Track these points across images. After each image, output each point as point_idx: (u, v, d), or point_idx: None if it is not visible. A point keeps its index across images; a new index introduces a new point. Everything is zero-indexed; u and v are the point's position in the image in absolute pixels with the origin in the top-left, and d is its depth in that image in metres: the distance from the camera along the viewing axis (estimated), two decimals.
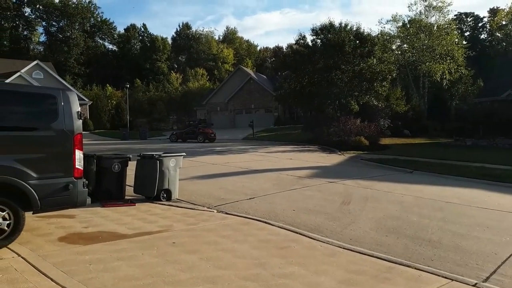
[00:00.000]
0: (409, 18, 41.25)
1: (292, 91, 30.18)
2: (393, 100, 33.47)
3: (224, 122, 50.63)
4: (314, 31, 30.61)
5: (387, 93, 31.22)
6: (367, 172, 14.61)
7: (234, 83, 51.36)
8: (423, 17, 40.22)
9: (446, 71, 36.07)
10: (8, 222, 5.14)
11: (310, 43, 31.42)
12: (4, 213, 5.10)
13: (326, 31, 29.94)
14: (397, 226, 7.36)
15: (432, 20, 40.29)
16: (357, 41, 28.49)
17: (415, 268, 5.00)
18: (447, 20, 40.14)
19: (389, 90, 31.49)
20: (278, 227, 6.81)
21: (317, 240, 6.08)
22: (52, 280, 4.17)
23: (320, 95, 28.29)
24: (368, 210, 8.55)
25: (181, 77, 68.25)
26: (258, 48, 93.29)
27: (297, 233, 6.46)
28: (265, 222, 7.08)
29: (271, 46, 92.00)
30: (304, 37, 32.26)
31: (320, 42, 30.21)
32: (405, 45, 40.41)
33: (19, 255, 4.92)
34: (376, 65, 28.06)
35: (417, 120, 35.52)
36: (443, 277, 4.76)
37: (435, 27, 39.16)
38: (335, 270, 4.76)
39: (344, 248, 5.72)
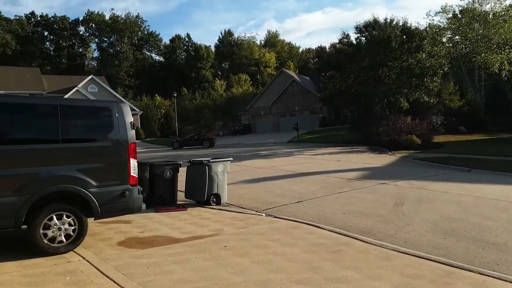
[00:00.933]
0: (460, 8, 39.16)
1: (337, 91, 29.76)
2: (445, 96, 32.02)
3: (267, 126, 50.83)
4: (358, 29, 30.08)
5: (439, 89, 29.91)
6: (421, 172, 14.08)
7: (277, 86, 51.45)
8: (477, 5, 38.02)
9: (505, 61, 33.49)
10: (73, 227, 5.48)
11: (354, 41, 30.91)
12: (70, 219, 5.45)
13: (370, 28, 29.31)
14: (456, 228, 7.03)
15: (487, 7, 37.98)
16: (404, 36, 27.62)
17: (479, 273, 4.73)
18: (504, 7, 37.40)
19: (440, 85, 30.16)
20: (329, 230, 6.73)
21: (370, 244, 5.94)
22: (114, 282, 4.39)
23: (367, 94, 27.64)
24: (423, 212, 8.24)
25: (225, 83, 69.47)
26: (300, 49, 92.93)
27: (348, 236, 6.35)
28: (315, 226, 7.02)
29: (314, 47, 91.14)
30: (347, 36, 31.83)
31: (365, 39, 29.63)
32: (457, 37, 38.27)
33: (84, 258, 5.24)
34: (425, 60, 27.02)
35: (473, 116, 33.73)
36: (511, 282, 4.49)
37: (490, 15, 36.81)
38: (390, 274, 4.64)
39: (399, 252, 5.55)
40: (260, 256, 5.30)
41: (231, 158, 9.81)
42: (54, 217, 5.34)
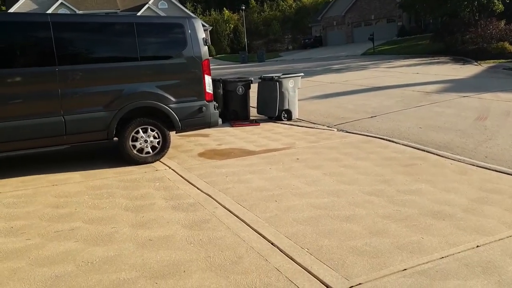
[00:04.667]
0: None
1: None
2: None
3: (340, 38, 48.19)
4: None
5: None
6: (511, 84, 12.82)
7: None
8: None
9: None
10: (157, 140, 6.00)
11: None
12: (154, 132, 5.96)
13: None
14: None
15: None
16: None
17: None
18: None
19: None
20: (403, 144, 6.63)
21: (447, 158, 5.79)
22: (198, 188, 4.87)
23: None
24: (509, 126, 7.69)
25: None
26: None
27: (424, 150, 6.22)
28: (389, 140, 6.93)
29: None
30: None
31: None
32: None
33: (169, 167, 5.80)
34: None
35: None
36: None
37: None
38: (466, 188, 4.56)
39: (477, 166, 5.37)
40: (331, 168, 5.45)
41: (301, 74, 9.68)
42: (140, 131, 5.87)
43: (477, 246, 3.29)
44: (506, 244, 3.31)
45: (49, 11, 36.92)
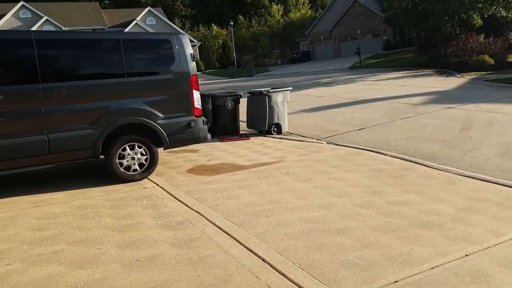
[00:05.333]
0: None
1: (403, 10, 27.44)
2: None
3: (328, 52, 48.82)
4: None
5: None
6: (492, 95, 13.08)
7: (338, 8, 48.24)
8: None
9: None
10: (145, 157, 5.95)
11: None
12: (141, 149, 5.91)
13: None
14: None
15: None
16: None
17: None
18: None
19: None
20: (391, 156, 6.67)
21: (434, 168, 5.84)
22: (187, 205, 4.81)
23: (436, 12, 25.21)
24: (492, 136, 7.81)
25: (282, 8, 66.59)
26: None
27: (411, 161, 6.27)
28: (377, 152, 6.98)
29: None
30: None
31: None
32: None
33: (157, 184, 5.74)
34: None
35: None
36: None
37: None
38: (454, 198, 4.59)
39: (464, 176, 5.42)
40: (322, 181, 5.45)
41: (290, 88, 9.75)
42: (127, 148, 5.81)
43: (466, 255, 3.30)
44: (493, 252, 3.33)
45: (34, 28, 36.83)
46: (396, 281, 2.97)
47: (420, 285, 2.91)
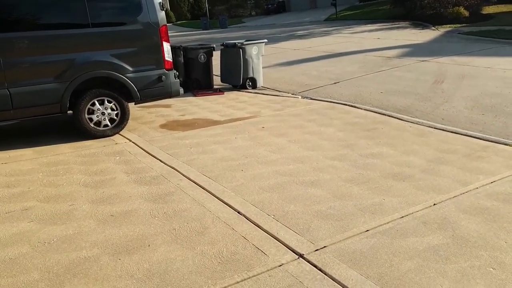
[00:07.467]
0: None
1: None
2: None
3: (304, 3, 47.52)
4: None
5: None
6: (465, 48, 13.21)
7: None
8: None
9: None
10: (115, 112, 5.77)
11: None
12: (111, 104, 5.71)
13: None
14: (495, 103, 6.82)
15: None
16: None
17: None
18: None
19: None
20: (365, 109, 6.72)
21: (406, 121, 5.94)
22: (161, 161, 4.75)
23: None
24: (464, 89, 7.96)
25: None
26: None
27: (385, 115, 6.34)
28: (351, 106, 7.01)
29: None
30: None
31: None
32: None
33: (130, 140, 5.61)
34: None
35: None
36: None
37: None
38: (425, 150, 4.71)
39: (435, 128, 5.54)
40: (296, 135, 5.46)
41: (265, 40, 9.49)
42: (96, 103, 5.61)
43: (434, 204, 3.42)
44: (459, 201, 3.47)
45: None
46: (367, 230, 3.06)
47: (390, 233, 3.01)
